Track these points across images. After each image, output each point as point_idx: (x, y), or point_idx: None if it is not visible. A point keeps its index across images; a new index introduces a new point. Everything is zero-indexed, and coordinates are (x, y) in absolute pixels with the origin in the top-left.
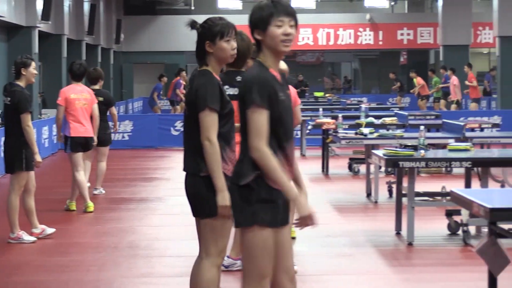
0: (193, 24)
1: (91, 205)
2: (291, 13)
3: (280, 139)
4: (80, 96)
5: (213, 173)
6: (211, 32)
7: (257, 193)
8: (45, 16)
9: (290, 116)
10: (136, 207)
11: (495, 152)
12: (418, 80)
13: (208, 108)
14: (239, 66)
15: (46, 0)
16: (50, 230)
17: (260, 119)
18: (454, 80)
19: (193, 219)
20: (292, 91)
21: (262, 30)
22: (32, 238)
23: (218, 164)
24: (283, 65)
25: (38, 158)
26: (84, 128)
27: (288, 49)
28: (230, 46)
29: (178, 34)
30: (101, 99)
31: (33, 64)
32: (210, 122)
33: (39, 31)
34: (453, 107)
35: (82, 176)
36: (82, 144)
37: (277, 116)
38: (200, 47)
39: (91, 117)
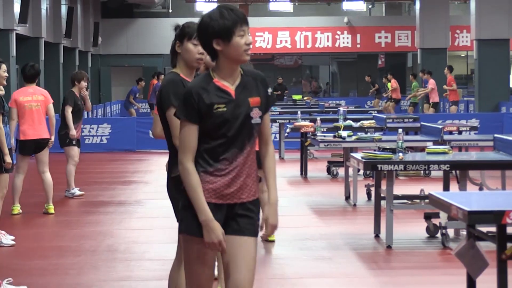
0: (176, 28)
1: (15, 208)
2: (247, 21)
3: (217, 152)
4: (30, 98)
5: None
6: (181, 32)
7: (184, 199)
8: (23, 19)
9: (241, 124)
10: (114, 211)
11: (473, 155)
12: (392, 83)
13: (172, 106)
14: None
15: (23, 3)
16: (6, 240)
17: (186, 133)
18: (431, 83)
19: (172, 222)
20: None
21: (225, 40)
22: (11, 242)
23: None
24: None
25: (8, 159)
26: (34, 131)
27: (249, 57)
28: (196, 50)
29: (156, 37)
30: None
31: (4, 66)
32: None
33: (17, 34)
34: (431, 110)
35: (19, 180)
36: (32, 147)
37: (211, 129)
38: (172, 48)
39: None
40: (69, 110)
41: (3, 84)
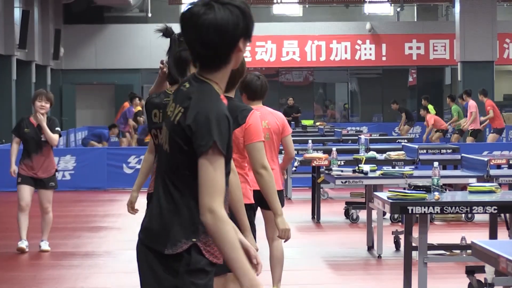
0: (167, 32)
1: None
2: None
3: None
4: None
5: None
6: None
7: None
8: None
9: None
10: (80, 264)
11: None
12: (428, 119)
13: None
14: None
15: None
16: None
17: (220, 170)
18: (472, 106)
19: None
20: (279, 119)
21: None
22: None
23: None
24: None
25: None
26: None
27: None
28: None
29: (131, 48)
30: None
31: None
32: None
33: None
34: (469, 139)
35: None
36: None
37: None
38: (178, 58)
39: None
40: (14, 140)
41: None
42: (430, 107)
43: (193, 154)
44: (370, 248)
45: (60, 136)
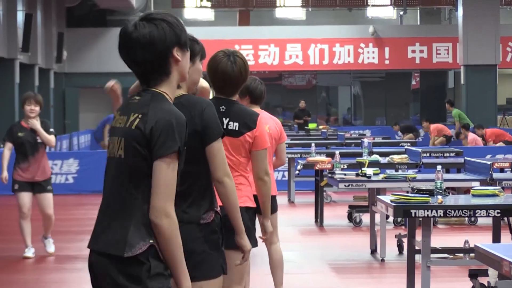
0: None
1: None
2: None
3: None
4: None
5: None
6: (193, 48)
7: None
8: None
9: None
10: (83, 267)
11: None
12: (432, 130)
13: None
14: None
15: None
16: None
17: (175, 173)
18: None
19: None
20: (278, 124)
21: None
22: None
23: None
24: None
25: None
26: None
27: None
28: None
29: None
30: None
31: None
32: None
33: None
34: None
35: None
36: None
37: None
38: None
39: None
40: (6, 145)
41: None
42: (456, 112)
43: (149, 158)
44: (373, 251)
45: (55, 136)
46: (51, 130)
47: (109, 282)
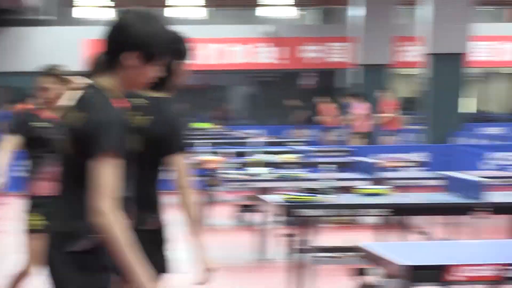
0: None
1: None
2: None
3: None
4: None
5: None
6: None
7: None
8: None
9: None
10: None
11: (417, 197)
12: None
13: None
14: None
15: None
16: None
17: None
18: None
19: None
20: None
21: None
22: None
23: None
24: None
25: None
26: None
27: None
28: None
29: (30, 50)
30: None
31: None
32: None
33: None
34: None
35: None
36: None
37: None
38: None
39: None
40: None
41: None
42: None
43: (90, 157)
44: (259, 251)
45: None
46: None
47: (63, 270)
